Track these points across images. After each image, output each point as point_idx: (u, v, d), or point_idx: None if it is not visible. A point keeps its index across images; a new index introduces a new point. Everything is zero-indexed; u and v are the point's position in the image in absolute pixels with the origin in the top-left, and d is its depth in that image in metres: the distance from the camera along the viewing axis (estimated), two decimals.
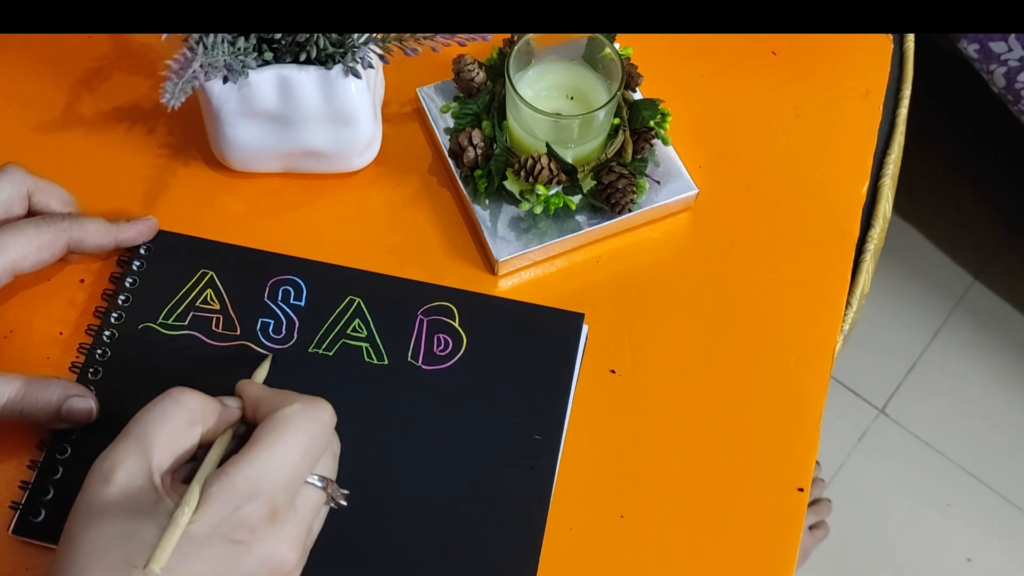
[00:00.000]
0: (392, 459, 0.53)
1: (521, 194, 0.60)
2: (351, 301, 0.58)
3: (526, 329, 0.57)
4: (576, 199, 0.60)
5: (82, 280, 0.59)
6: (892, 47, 0.71)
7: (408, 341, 0.57)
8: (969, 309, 1.46)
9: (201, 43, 0.53)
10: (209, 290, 0.58)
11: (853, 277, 0.64)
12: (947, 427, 1.38)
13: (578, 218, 0.61)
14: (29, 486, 0.52)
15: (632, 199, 0.60)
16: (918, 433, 1.38)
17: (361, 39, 0.55)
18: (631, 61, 0.64)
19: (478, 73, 0.62)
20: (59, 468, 0.52)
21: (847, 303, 0.63)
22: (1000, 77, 1.15)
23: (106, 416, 0.53)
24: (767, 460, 0.56)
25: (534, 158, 0.58)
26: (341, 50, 0.55)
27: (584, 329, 0.57)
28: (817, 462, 1.12)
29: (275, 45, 0.56)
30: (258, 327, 0.57)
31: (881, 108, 0.69)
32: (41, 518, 0.51)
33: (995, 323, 1.45)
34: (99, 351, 0.55)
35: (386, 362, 0.56)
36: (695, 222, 0.63)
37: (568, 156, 0.59)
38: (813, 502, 1.22)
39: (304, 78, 0.55)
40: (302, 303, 0.57)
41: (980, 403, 1.40)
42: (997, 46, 1.15)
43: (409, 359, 0.56)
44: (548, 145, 0.58)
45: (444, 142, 0.63)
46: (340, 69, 0.55)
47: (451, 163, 0.62)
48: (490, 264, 0.60)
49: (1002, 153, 1.54)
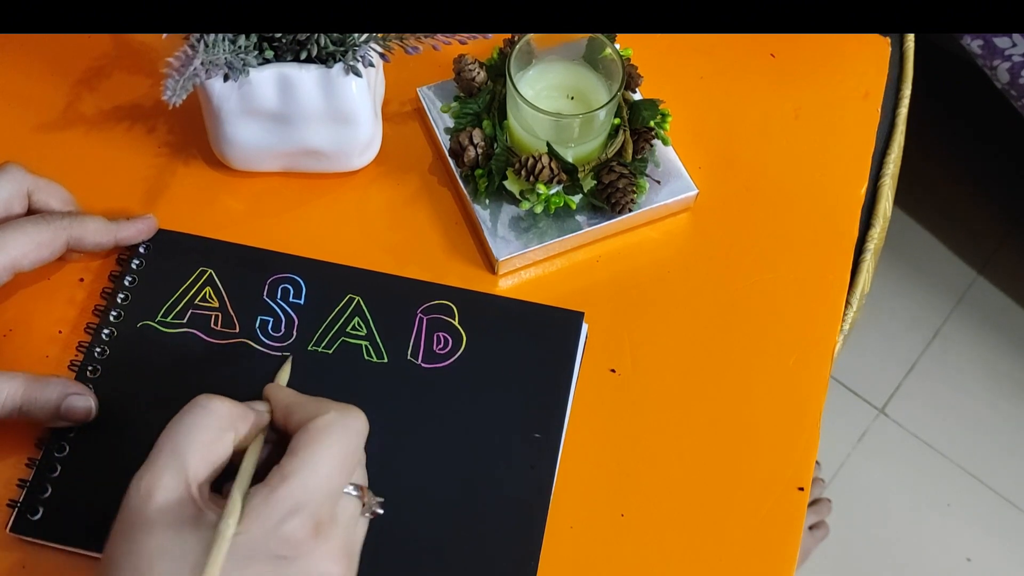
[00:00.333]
0: (391, 458, 0.53)
1: (521, 194, 0.60)
2: (351, 299, 0.58)
3: (526, 328, 0.57)
4: (576, 199, 0.60)
5: (81, 279, 0.59)
6: (891, 49, 0.71)
7: (408, 339, 0.57)
8: (969, 309, 1.46)
9: (202, 41, 0.52)
10: (208, 288, 0.58)
11: (853, 277, 0.64)
12: (947, 427, 1.38)
13: (578, 218, 0.61)
14: (27, 484, 0.52)
15: (632, 199, 0.60)
16: (918, 433, 1.38)
17: (362, 38, 0.55)
18: (631, 61, 0.64)
19: (479, 73, 0.62)
20: (57, 466, 0.52)
21: (847, 303, 0.63)
22: (1004, 72, 1.15)
23: (105, 414, 0.53)
24: (767, 460, 0.56)
25: (535, 157, 0.58)
26: (342, 49, 0.55)
27: (584, 328, 0.57)
28: (817, 462, 1.12)
29: (276, 43, 0.56)
30: (257, 325, 0.57)
31: (880, 110, 0.69)
32: (39, 516, 0.51)
33: (995, 323, 1.45)
34: (98, 349, 0.55)
35: (386, 360, 0.56)
36: (695, 222, 0.63)
37: (568, 156, 0.59)
38: (813, 502, 1.22)
39: (304, 77, 0.55)
40: (301, 301, 0.57)
41: (980, 403, 1.40)
42: (1001, 41, 1.14)
43: (409, 357, 0.56)
44: (549, 145, 0.58)
45: (444, 142, 0.63)
46: (341, 68, 0.55)
47: (451, 162, 0.62)
48: (490, 263, 0.60)
49: (1002, 152, 1.54)
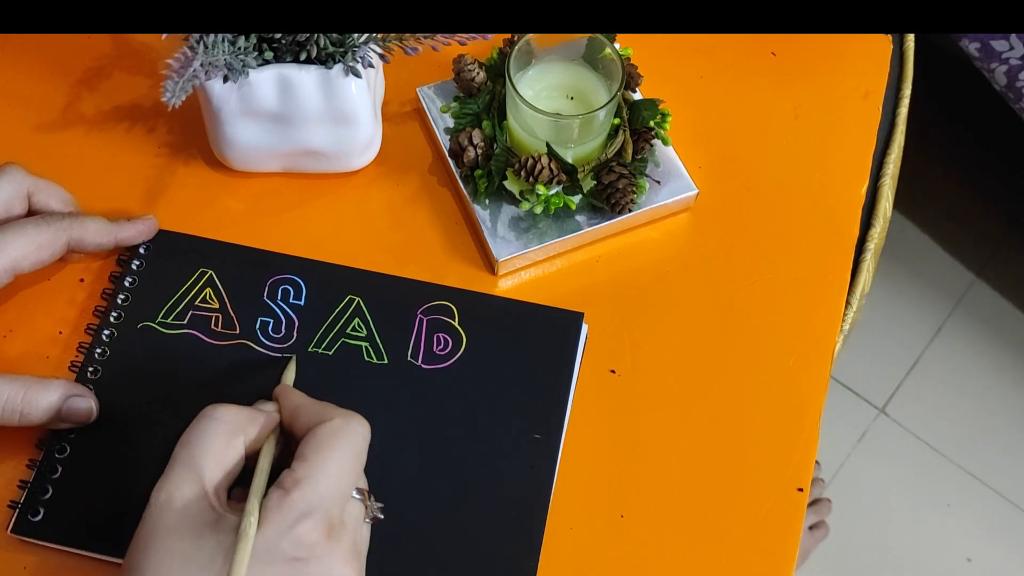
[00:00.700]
0: (392, 458, 0.53)
1: (521, 194, 0.60)
2: (351, 300, 0.58)
3: (526, 328, 0.57)
4: (576, 199, 0.60)
5: (82, 279, 0.59)
6: (892, 48, 0.71)
7: (408, 340, 0.57)
8: (969, 309, 1.46)
9: (201, 42, 0.53)
10: (208, 289, 0.58)
11: (853, 277, 0.64)
12: (947, 427, 1.38)
13: (578, 218, 0.61)
14: (28, 485, 0.52)
15: (632, 199, 0.60)
16: (918, 433, 1.38)
17: (361, 38, 0.55)
18: (631, 61, 0.64)
19: (478, 73, 0.62)
20: (58, 467, 0.52)
21: (847, 303, 0.63)
22: (1001, 75, 1.15)
23: (105, 415, 0.53)
24: (767, 460, 0.56)
25: (534, 158, 0.58)
26: (341, 49, 0.55)
27: (584, 328, 0.57)
28: (817, 462, 1.13)
29: (275, 44, 0.56)
30: (257, 326, 0.57)
31: (880, 109, 0.69)
32: (40, 517, 0.51)
33: (995, 323, 1.45)
34: (98, 350, 0.55)
35: (386, 361, 0.56)
36: (695, 222, 0.63)
37: (568, 156, 0.59)
38: (813, 502, 1.22)
39: (304, 77, 0.55)
40: (301, 302, 0.57)
41: (980, 403, 1.40)
42: (999, 44, 1.15)
43: (409, 358, 0.56)
44: (548, 145, 0.58)
45: (444, 142, 0.63)
46: (340, 68, 0.55)
47: (451, 163, 0.62)
48: (490, 264, 0.60)
49: (1002, 153, 1.54)
